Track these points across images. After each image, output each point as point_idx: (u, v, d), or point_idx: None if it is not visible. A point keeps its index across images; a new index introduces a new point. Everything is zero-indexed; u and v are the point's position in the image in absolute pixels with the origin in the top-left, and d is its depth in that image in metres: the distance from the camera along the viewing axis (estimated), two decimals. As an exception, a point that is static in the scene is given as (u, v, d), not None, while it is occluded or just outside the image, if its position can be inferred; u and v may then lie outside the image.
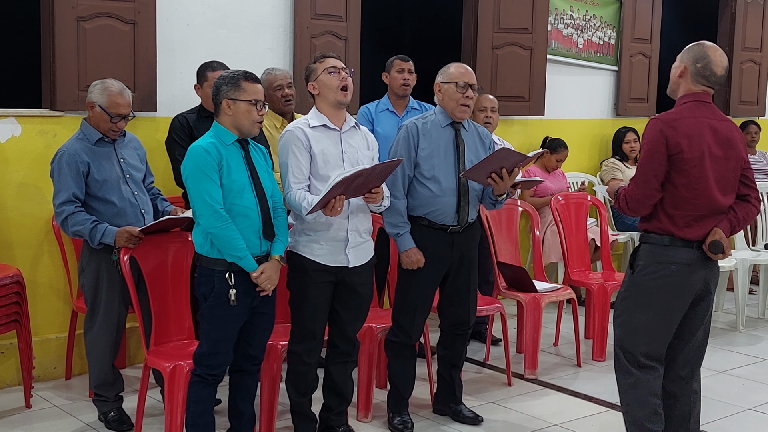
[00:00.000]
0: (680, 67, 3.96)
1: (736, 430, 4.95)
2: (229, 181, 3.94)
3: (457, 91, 4.58)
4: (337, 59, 4.35)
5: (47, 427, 4.73)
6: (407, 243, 4.59)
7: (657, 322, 3.97)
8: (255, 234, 4.01)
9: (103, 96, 4.57)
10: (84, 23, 5.38)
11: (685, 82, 3.95)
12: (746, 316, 7.20)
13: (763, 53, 9.70)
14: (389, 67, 5.94)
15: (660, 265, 3.92)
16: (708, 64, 3.89)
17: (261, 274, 3.98)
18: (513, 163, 4.48)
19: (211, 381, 4.07)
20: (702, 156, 3.83)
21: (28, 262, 5.34)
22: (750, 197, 4.05)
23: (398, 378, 4.80)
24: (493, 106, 6.21)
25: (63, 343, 5.44)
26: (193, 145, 3.99)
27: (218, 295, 3.95)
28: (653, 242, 3.95)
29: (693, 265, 3.91)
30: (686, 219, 3.88)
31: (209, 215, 3.90)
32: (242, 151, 4.05)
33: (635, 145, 8.06)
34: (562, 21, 7.98)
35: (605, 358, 6.11)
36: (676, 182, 3.84)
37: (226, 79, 4.00)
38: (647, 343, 3.99)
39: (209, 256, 3.98)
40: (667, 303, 3.95)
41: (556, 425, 4.94)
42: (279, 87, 5.61)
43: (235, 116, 3.98)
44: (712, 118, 3.90)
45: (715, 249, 3.88)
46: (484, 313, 5.50)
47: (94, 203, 4.56)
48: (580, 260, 6.62)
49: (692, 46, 3.96)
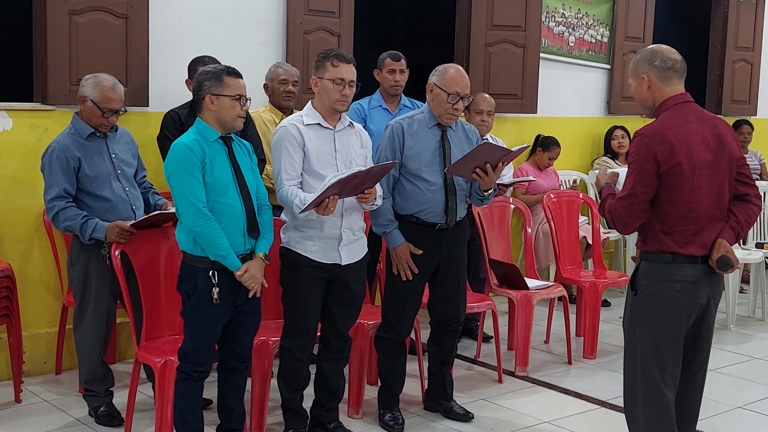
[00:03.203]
0: (643, 81, 3.71)
1: (727, 428, 4.96)
2: (213, 179, 3.90)
3: (447, 101, 4.57)
4: (350, 65, 4.28)
5: (37, 422, 4.72)
6: (396, 239, 4.59)
7: (664, 343, 3.69)
8: (239, 232, 3.98)
9: (95, 90, 4.55)
10: (76, 17, 5.36)
11: (656, 88, 3.69)
12: (737, 315, 7.23)
13: (755, 53, 9.72)
14: (381, 65, 5.92)
15: (663, 284, 3.67)
16: (661, 54, 3.66)
17: (245, 272, 3.94)
18: (496, 158, 4.48)
19: (197, 377, 4.04)
20: (694, 166, 3.59)
21: (18, 257, 5.32)
22: (750, 196, 3.79)
23: (389, 374, 4.80)
24: (490, 110, 6.17)
25: (53, 337, 5.43)
26: (176, 143, 3.94)
27: (201, 294, 3.92)
28: (654, 260, 3.69)
29: (697, 282, 3.66)
30: (685, 235, 3.63)
31: (192, 214, 3.86)
32: (226, 148, 4.00)
33: (623, 141, 8.10)
34: (553, 19, 7.98)
35: (596, 356, 6.12)
36: (670, 200, 3.60)
37: (208, 74, 3.95)
38: (658, 364, 3.70)
39: (192, 254, 3.94)
40: (673, 322, 3.68)
41: (547, 422, 4.94)
42: (284, 81, 5.63)
43: (218, 111, 3.93)
44: (696, 120, 3.66)
45: (723, 266, 3.61)
46: (476, 310, 5.51)
47: (85, 198, 4.55)
48: (572, 258, 6.62)
49: (635, 59, 3.75)
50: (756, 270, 7.38)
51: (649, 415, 3.74)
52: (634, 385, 3.78)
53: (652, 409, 3.72)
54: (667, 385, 3.72)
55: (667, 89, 3.70)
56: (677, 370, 3.75)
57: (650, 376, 3.71)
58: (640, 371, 3.74)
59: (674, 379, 3.75)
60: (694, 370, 3.86)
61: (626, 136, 8.13)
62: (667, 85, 3.70)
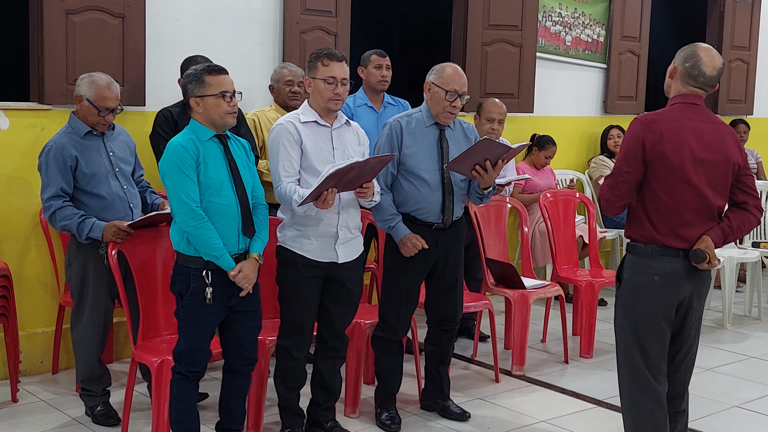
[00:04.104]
0: (672, 67, 3.86)
1: (723, 427, 4.97)
2: (206, 178, 3.89)
3: (446, 99, 4.57)
4: (341, 62, 4.27)
5: (34, 422, 4.72)
6: (402, 231, 4.58)
7: (647, 336, 3.77)
8: (234, 231, 3.97)
9: (90, 89, 4.55)
10: (73, 17, 5.36)
11: (675, 83, 3.84)
12: (733, 314, 7.23)
13: (752, 52, 9.74)
14: (366, 62, 5.90)
15: (643, 276, 3.76)
16: (696, 63, 3.77)
17: (238, 273, 3.94)
18: (496, 155, 4.48)
19: (192, 377, 4.04)
20: (682, 159, 3.67)
21: (15, 256, 5.32)
22: (748, 205, 3.84)
23: (385, 374, 4.81)
24: (501, 119, 6.15)
25: (50, 337, 5.42)
26: (171, 141, 3.94)
27: (194, 294, 3.91)
28: (636, 252, 3.79)
29: (677, 275, 3.73)
30: (669, 226, 3.71)
31: (185, 213, 3.85)
32: (221, 147, 3.99)
33: (619, 140, 8.11)
34: (550, 18, 7.99)
35: (592, 355, 6.13)
36: (655, 188, 3.70)
37: (190, 77, 3.95)
38: (643, 357, 3.78)
39: (186, 254, 3.93)
40: (654, 315, 3.76)
41: (544, 421, 4.95)
42: (290, 82, 5.64)
43: (205, 112, 3.92)
44: (697, 120, 3.75)
45: (696, 258, 3.68)
46: (472, 309, 5.51)
47: (82, 197, 4.55)
48: (568, 257, 6.63)
49: (685, 47, 3.86)
50: (752, 269, 7.39)
51: (639, 407, 3.83)
52: (623, 378, 3.89)
53: (642, 401, 3.81)
54: (654, 378, 3.80)
55: (682, 89, 3.83)
56: (663, 362, 3.82)
57: (636, 368, 3.82)
58: (626, 364, 3.85)
59: (661, 372, 3.82)
60: (675, 366, 3.91)
61: (622, 135, 8.12)
62: (684, 87, 3.83)
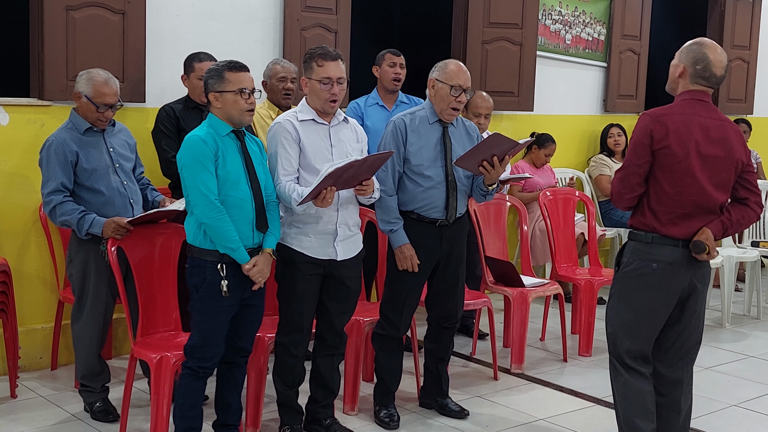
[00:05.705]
0: (679, 66, 3.90)
1: (722, 426, 4.97)
2: (225, 172, 3.93)
3: (450, 94, 4.57)
4: (336, 61, 4.25)
5: (32, 417, 4.72)
6: (401, 239, 4.58)
7: (639, 321, 3.91)
8: (248, 226, 4.00)
9: (88, 86, 4.55)
10: (73, 13, 5.36)
11: (684, 81, 3.89)
12: (732, 313, 7.24)
13: (752, 51, 9.73)
14: (380, 61, 5.93)
15: (642, 262, 3.87)
16: (708, 65, 3.82)
17: (253, 266, 3.98)
18: (504, 150, 4.49)
19: (202, 374, 4.06)
20: (687, 153, 3.77)
21: (14, 252, 5.32)
22: (749, 201, 3.95)
23: (385, 371, 4.81)
24: (488, 113, 6.18)
25: (49, 333, 5.43)
26: (190, 135, 3.97)
27: (210, 286, 3.94)
28: (637, 239, 3.90)
29: (676, 264, 3.84)
30: (670, 216, 3.82)
31: (204, 206, 3.88)
32: (238, 142, 4.03)
33: (619, 139, 8.11)
34: (549, 17, 7.98)
35: (591, 354, 6.14)
36: (659, 178, 3.80)
37: (211, 72, 4.00)
38: (631, 342, 3.93)
39: (201, 247, 3.96)
40: (649, 302, 3.89)
41: (542, 419, 4.95)
42: (283, 79, 5.62)
43: (223, 108, 3.97)
44: (705, 116, 3.84)
45: (696, 249, 3.80)
46: (471, 307, 5.51)
47: (82, 192, 4.55)
48: (568, 256, 6.63)
49: (691, 46, 3.89)
50: (751, 268, 7.39)
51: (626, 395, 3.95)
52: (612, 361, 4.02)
53: (628, 388, 3.94)
54: (643, 359, 3.94)
55: (691, 87, 3.90)
56: (648, 348, 3.96)
57: (624, 353, 3.94)
58: (615, 348, 3.98)
59: (647, 359, 3.96)
60: (680, 355, 4.02)
61: (622, 134, 8.13)
62: (693, 86, 3.89)
